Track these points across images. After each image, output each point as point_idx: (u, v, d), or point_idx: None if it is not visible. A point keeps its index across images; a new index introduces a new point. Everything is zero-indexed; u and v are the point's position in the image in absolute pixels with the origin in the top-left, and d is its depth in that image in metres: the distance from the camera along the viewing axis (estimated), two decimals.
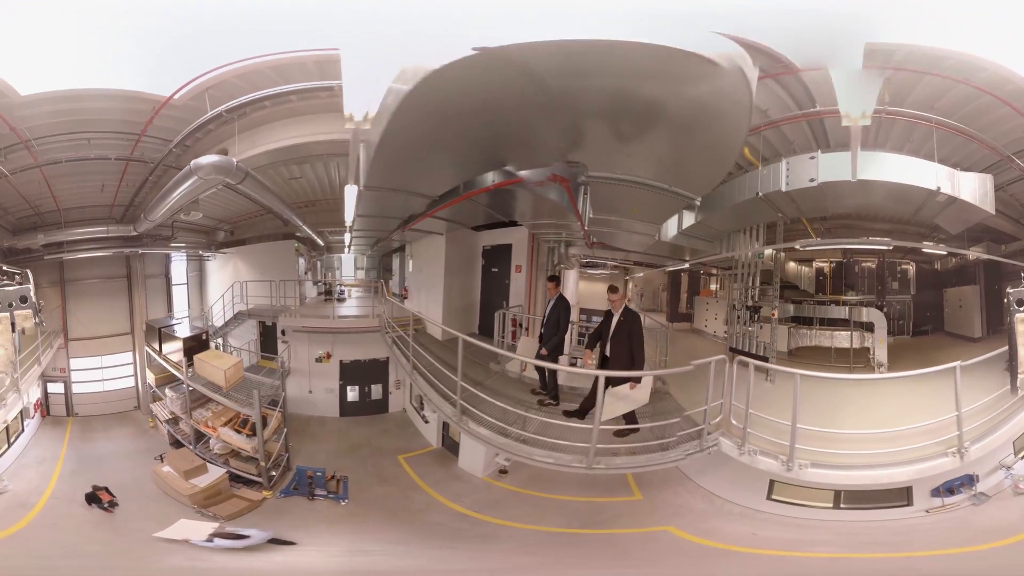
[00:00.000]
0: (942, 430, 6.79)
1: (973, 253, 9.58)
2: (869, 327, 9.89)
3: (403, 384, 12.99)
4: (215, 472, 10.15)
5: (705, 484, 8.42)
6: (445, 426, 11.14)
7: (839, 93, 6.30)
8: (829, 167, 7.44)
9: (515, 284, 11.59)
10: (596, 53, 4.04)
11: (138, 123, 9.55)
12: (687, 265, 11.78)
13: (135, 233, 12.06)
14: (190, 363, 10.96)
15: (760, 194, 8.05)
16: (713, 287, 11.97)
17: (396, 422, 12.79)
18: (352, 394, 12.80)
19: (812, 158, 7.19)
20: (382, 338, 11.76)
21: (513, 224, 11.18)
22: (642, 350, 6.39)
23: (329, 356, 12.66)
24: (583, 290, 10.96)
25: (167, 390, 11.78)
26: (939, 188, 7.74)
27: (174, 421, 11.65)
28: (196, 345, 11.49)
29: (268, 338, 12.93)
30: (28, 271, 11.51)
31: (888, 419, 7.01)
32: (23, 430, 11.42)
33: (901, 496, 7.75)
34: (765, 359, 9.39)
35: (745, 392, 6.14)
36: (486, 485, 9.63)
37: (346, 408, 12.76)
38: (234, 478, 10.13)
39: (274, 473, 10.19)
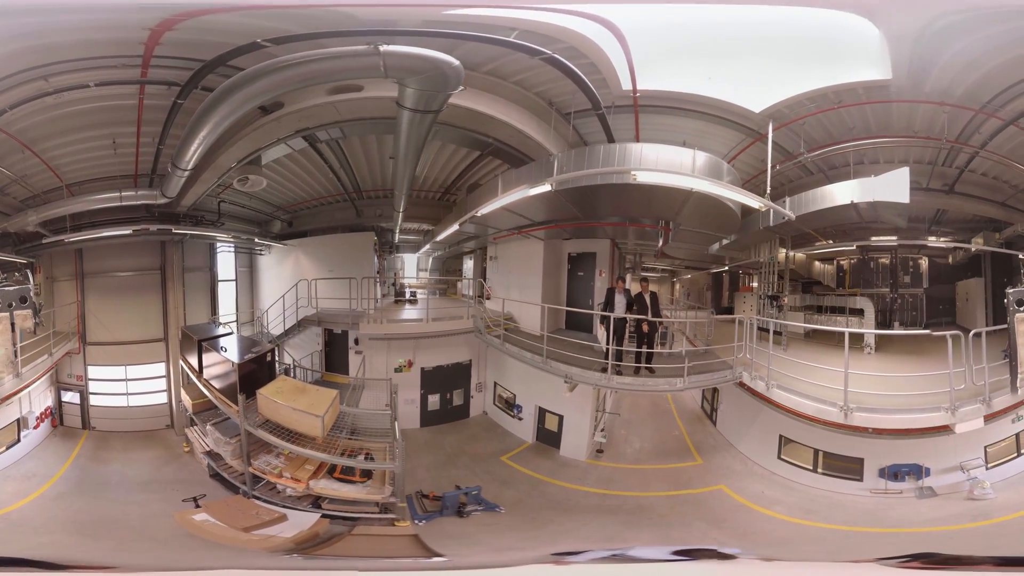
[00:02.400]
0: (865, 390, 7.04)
1: (974, 245, 9.05)
2: (859, 313, 10.09)
3: (484, 386, 10.77)
4: (299, 518, 7.19)
5: (742, 449, 8.91)
6: (540, 419, 10.02)
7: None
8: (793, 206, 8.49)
9: (599, 285, 10.67)
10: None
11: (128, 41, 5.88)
12: (727, 268, 12.50)
13: (164, 200, 8.20)
14: (250, 397, 7.51)
15: (761, 227, 9.15)
16: (754, 284, 12.33)
17: (480, 426, 10.68)
18: (433, 402, 10.30)
19: (782, 203, 8.08)
20: (481, 339, 10.08)
21: (593, 236, 10.75)
22: (659, 311, 8.65)
23: (411, 364, 10.06)
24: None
25: (209, 427, 8.31)
26: (852, 201, 7.82)
27: (216, 453, 8.34)
28: (257, 369, 7.96)
29: (335, 348, 9.93)
30: (31, 262, 7.99)
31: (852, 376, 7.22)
32: (19, 440, 8.18)
33: (856, 471, 7.51)
34: (779, 333, 9.81)
35: (764, 346, 7.80)
36: (592, 466, 9.20)
37: (427, 418, 10.23)
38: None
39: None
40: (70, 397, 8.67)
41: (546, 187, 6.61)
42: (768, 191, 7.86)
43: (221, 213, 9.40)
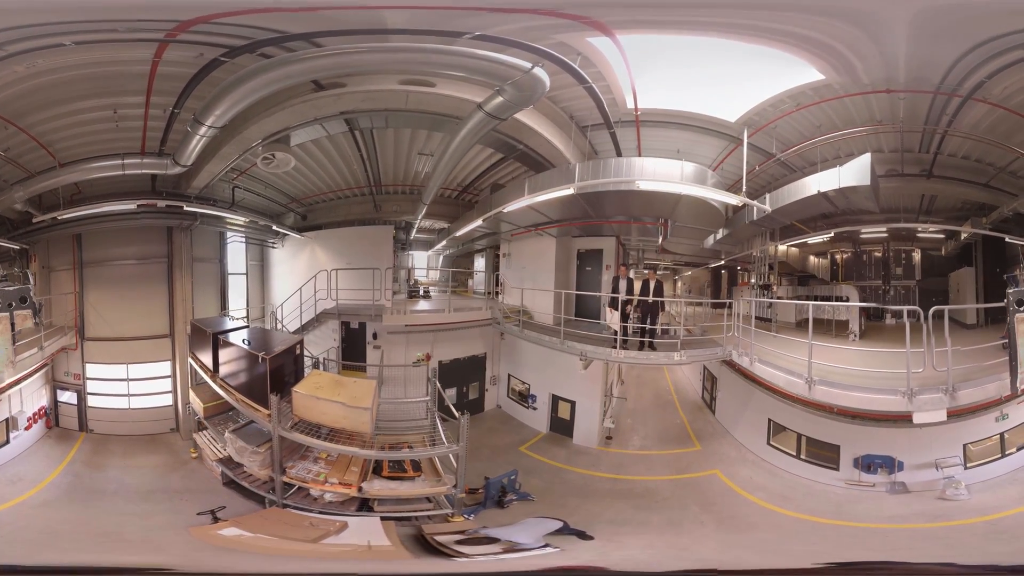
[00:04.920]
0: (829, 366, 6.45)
1: (963, 231, 8.18)
2: (844, 300, 9.70)
3: (499, 379, 10.27)
4: (359, 524, 5.95)
5: (737, 436, 8.88)
6: (554, 408, 9.77)
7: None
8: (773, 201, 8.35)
9: (606, 279, 10.77)
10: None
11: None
12: (723, 262, 12.29)
13: (177, 169, 6.57)
14: (284, 398, 6.28)
15: (747, 221, 9.06)
16: (753, 280, 12.17)
17: (496, 419, 10.17)
18: (449, 396, 9.59)
19: (762, 200, 8.08)
20: (501, 328, 9.73)
21: (600, 234, 10.81)
22: (661, 294, 8.64)
23: (429, 357, 9.34)
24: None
25: (229, 435, 6.86)
26: (819, 190, 7.39)
27: (232, 460, 6.99)
28: (286, 364, 6.71)
29: (352, 344, 8.98)
30: (25, 249, 6.61)
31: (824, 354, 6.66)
32: (7, 441, 6.91)
33: (833, 460, 7.02)
34: (769, 320, 9.85)
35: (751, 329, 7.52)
36: (604, 453, 9.06)
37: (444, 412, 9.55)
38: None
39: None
40: (67, 397, 7.23)
41: (569, 191, 7.07)
42: (744, 188, 7.95)
43: (235, 201, 8.29)
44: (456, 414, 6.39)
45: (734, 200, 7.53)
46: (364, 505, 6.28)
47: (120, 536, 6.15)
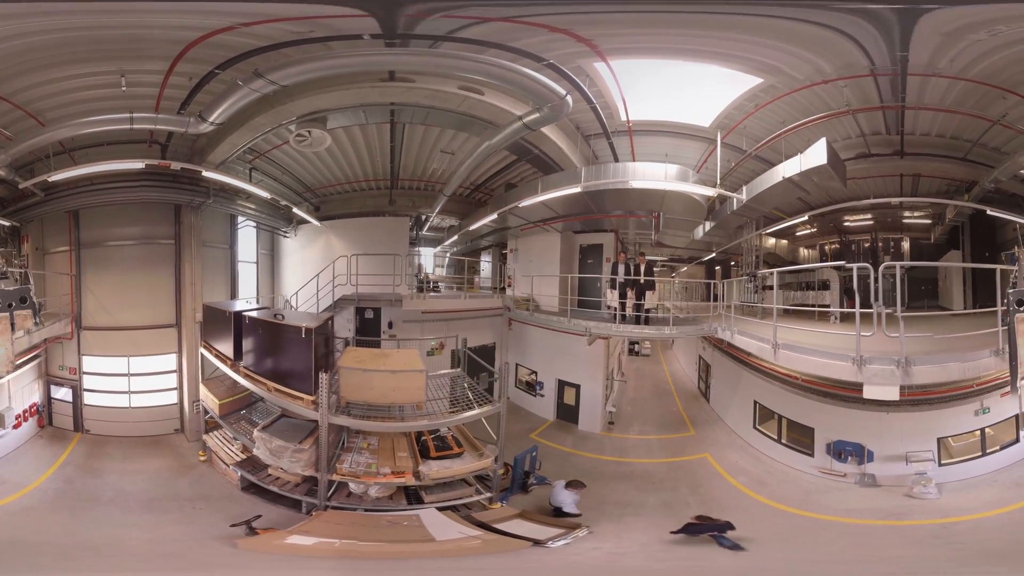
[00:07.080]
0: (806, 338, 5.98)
1: (948, 203, 7.65)
2: (826, 286, 9.62)
3: (507, 370, 10.12)
4: (427, 518, 5.30)
5: (728, 421, 9.12)
6: (560, 394, 9.82)
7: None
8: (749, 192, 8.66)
9: (607, 271, 11.05)
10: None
11: None
12: (715, 255, 12.59)
13: (201, 127, 5.28)
14: (334, 376, 5.44)
15: (730, 211, 9.18)
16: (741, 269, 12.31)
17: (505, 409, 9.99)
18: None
19: (739, 192, 8.57)
20: (511, 314, 9.88)
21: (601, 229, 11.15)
22: (652, 274, 8.89)
23: (442, 346, 8.97)
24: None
25: (259, 433, 5.78)
26: (784, 176, 7.42)
27: (251, 463, 6.05)
28: (320, 345, 5.63)
29: (366, 332, 8.38)
30: (15, 227, 5.47)
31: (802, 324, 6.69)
32: None
33: (808, 445, 6.74)
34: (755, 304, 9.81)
35: (740, 315, 7.60)
36: (607, 438, 9.16)
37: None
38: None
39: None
40: (62, 394, 5.97)
41: (577, 189, 7.92)
42: (718, 182, 8.14)
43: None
44: (493, 370, 6.20)
45: (710, 192, 8.16)
46: (411, 497, 5.72)
47: (113, 548, 5.16)
